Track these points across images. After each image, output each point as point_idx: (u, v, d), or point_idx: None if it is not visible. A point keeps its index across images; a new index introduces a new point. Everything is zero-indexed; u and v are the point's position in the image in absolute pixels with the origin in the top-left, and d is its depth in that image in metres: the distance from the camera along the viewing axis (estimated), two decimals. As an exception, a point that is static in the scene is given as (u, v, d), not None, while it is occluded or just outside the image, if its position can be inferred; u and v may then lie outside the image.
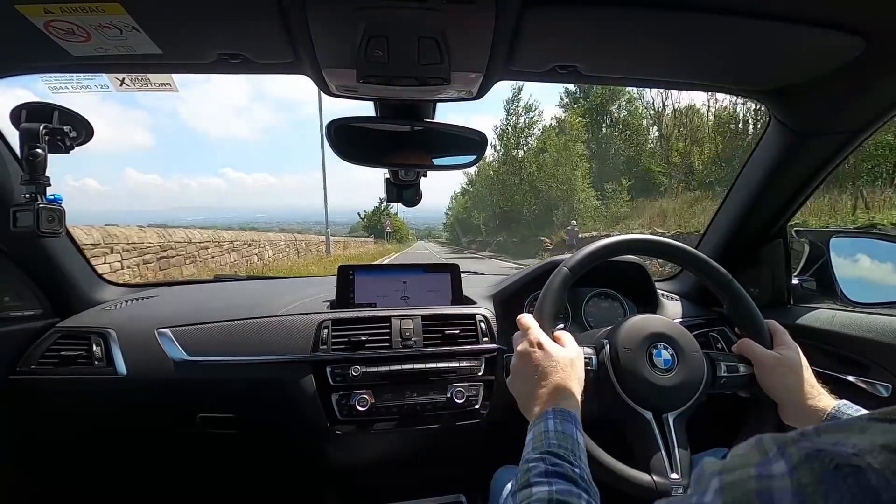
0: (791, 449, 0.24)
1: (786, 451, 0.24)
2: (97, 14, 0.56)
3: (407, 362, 1.02)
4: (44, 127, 0.81)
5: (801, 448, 0.24)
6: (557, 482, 0.48)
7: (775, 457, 0.24)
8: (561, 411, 0.58)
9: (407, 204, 0.94)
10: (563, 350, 0.66)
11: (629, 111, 25.79)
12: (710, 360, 0.74)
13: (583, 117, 25.27)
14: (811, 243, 1.11)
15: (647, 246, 0.80)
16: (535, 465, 0.51)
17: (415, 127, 0.81)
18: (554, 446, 0.53)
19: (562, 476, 0.49)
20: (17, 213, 0.82)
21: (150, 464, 1.26)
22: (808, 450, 0.23)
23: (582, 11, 0.59)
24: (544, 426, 0.56)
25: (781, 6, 0.58)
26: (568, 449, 0.53)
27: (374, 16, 0.56)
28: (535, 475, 0.49)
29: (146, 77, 0.86)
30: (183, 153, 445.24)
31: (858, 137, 0.87)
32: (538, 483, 0.48)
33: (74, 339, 1.02)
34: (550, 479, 0.48)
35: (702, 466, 0.29)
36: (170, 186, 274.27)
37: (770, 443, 0.26)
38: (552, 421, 0.57)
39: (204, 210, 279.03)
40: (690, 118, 20.63)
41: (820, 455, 0.23)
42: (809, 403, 0.65)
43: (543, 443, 0.54)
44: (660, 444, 0.68)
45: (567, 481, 0.48)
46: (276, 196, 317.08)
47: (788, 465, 0.23)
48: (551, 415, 0.57)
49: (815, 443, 0.24)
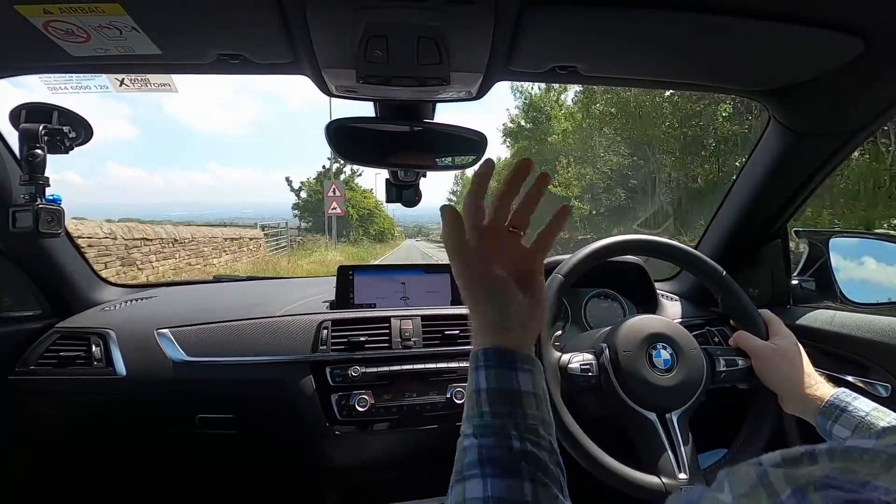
0: (814, 497, 0.20)
1: (805, 496, 0.20)
2: (96, 14, 0.56)
3: (407, 363, 1.02)
4: (43, 127, 0.81)
5: (826, 498, 0.20)
6: (494, 478, 0.36)
7: (790, 502, 0.21)
8: (500, 351, 0.42)
9: (407, 205, 0.94)
10: (519, 248, 0.48)
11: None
12: (708, 356, 0.75)
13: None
14: (810, 243, 1.11)
15: (640, 245, 0.81)
16: (468, 445, 0.39)
17: (414, 127, 0.81)
18: (487, 416, 0.39)
19: (499, 463, 0.37)
20: (16, 214, 0.82)
21: (149, 464, 1.26)
22: (835, 500, 0.19)
23: (582, 12, 0.59)
24: (475, 381, 0.42)
25: (781, 6, 0.58)
26: (507, 414, 0.39)
27: (374, 16, 0.56)
28: (469, 463, 0.38)
29: (145, 77, 0.86)
30: (167, 147, 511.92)
31: (858, 137, 0.87)
32: (472, 477, 0.37)
33: (73, 340, 1.02)
34: (485, 468, 0.37)
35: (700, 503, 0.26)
36: (154, 180, 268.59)
37: (781, 482, 0.22)
38: (484, 372, 0.41)
39: (191, 205, 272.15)
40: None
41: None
42: (808, 392, 0.66)
43: (475, 411, 0.41)
44: (666, 444, 0.68)
45: (507, 474, 0.36)
46: (263, 191, 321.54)
47: None
48: (483, 359, 0.42)
49: (838, 484, 0.20)
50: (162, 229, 7.57)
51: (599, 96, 14.03)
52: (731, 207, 1.14)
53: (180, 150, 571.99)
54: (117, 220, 6.07)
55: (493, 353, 0.42)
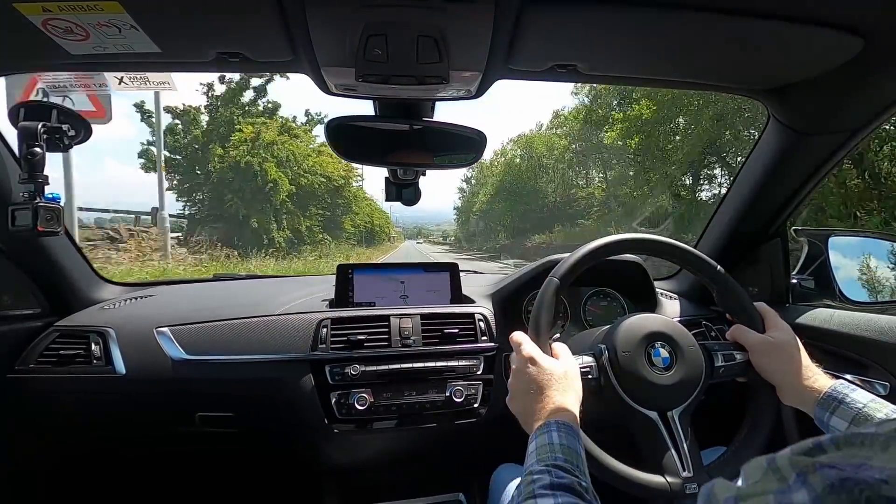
0: (813, 477, 0.22)
1: (807, 478, 0.23)
2: (96, 12, 0.56)
3: (406, 361, 1.02)
4: (42, 125, 0.81)
5: (824, 476, 0.22)
6: (563, 495, 0.47)
7: (795, 484, 0.23)
8: (564, 424, 0.57)
9: (406, 203, 0.94)
10: (556, 363, 0.66)
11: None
12: (706, 352, 0.75)
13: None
14: (810, 242, 1.11)
15: (635, 244, 0.81)
16: (539, 476, 0.50)
17: (414, 126, 0.81)
18: (560, 460, 0.52)
19: (568, 489, 0.48)
20: (15, 212, 0.82)
21: (148, 463, 1.26)
22: (832, 479, 0.22)
23: (581, 11, 0.59)
24: (548, 438, 0.56)
25: (781, 6, 0.58)
26: (573, 463, 0.52)
27: (374, 14, 0.56)
28: (540, 487, 0.48)
29: (145, 76, 0.87)
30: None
31: (858, 137, 0.87)
32: (543, 495, 0.47)
33: (73, 338, 1.02)
34: (556, 491, 0.47)
35: (712, 490, 0.28)
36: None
37: (787, 467, 0.24)
38: (556, 434, 0.56)
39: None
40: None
41: (846, 484, 0.21)
42: (806, 384, 0.66)
43: (548, 455, 0.53)
44: (668, 442, 0.69)
45: (573, 495, 0.47)
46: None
47: (812, 494, 0.22)
48: (555, 427, 0.57)
49: (837, 466, 0.22)
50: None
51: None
52: (731, 206, 1.14)
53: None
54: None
55: (563, 424, 0.59)
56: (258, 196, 13.59)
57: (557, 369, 0.65)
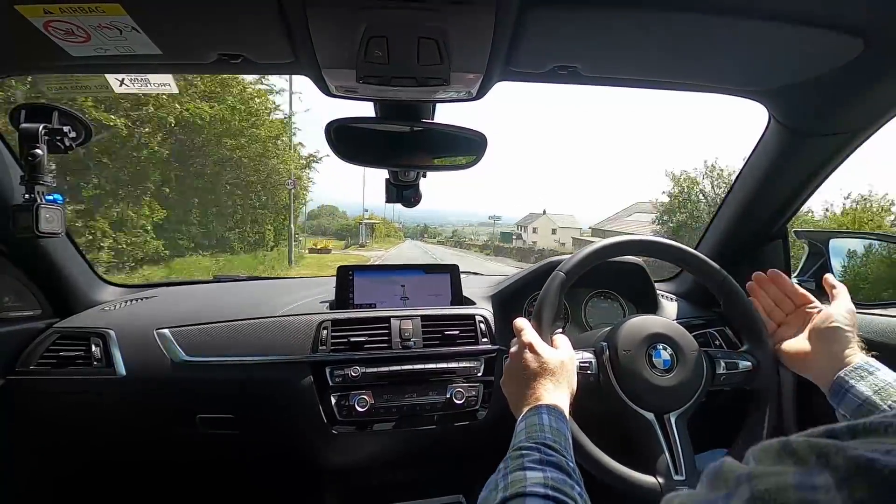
0: (836, 459, 0.22)
1: (829, 460, 0.22)
2: (97, 14, 0.56)
3: (406, 363, 1.02)
4: (43, 127, 0.82)
5: (848, 458, 0.21)
6: (552, 470, 0.47)
7: (816, 468, 0.22)
8: (554, 408, 0.58)
9: (406, 205, 0.94)
10: (554, 352, 0.66)
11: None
12: (708, 358, 0.74)
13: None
14: (810, 244, 1.11)
15: (644, 246, 0.81)
16: (529, 452, 0.50)
17: (414, 127, 0.81)
18: (549, 439, 0.52)
19: (557, 466, 0.48)
20: (16, 214, 0.82)
21: (149, 464, 1.26)
22: (857, 460, 0.21)
23: (582, 12, 0.59)
24: (538, 419, 0.56)
25: (781, 6, 0.58)
26: (562, 445, 0.53)
27: (374, 16, 0.56)
28: (530, 461, 0.48)
29: (146, 77, 0.86)
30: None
31: (858, 137, 0.87)
32: (532, 468, 0.47)
33: (73, 340, 1.02)
34: (545, 466, 0.48)
35: (721, 468, 0.28)
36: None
37: (806, 450, 0.24)
38: (546, 416, 0.57)
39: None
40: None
41: (873, 465, 0.20)
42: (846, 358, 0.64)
43: (538, 434, 0.54)
44: (663, 445, 0.68)
45: (562, 472, 0.48)
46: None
47: (835, 476, 0.21)
48: (545, 410, 0.58)
49: (861, 450, 0.21)
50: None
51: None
52: (731, 207, 1.14)
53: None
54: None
55: (553, 408, 0.59)
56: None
57: (554, 359, 0.65)
